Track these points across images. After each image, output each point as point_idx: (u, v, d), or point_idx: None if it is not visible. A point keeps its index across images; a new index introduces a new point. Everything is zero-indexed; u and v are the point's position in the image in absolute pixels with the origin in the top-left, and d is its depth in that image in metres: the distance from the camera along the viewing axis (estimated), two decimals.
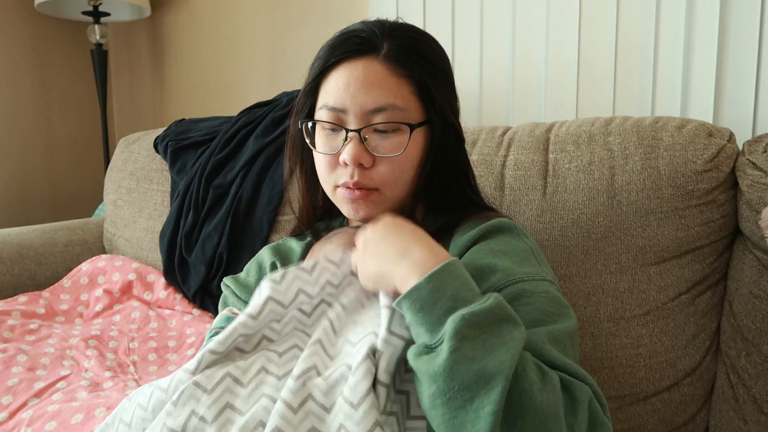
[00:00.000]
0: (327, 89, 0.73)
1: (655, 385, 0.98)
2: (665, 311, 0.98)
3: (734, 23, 1.17)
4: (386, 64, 0.71)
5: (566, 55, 1.36)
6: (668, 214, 0.96)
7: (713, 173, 0.94)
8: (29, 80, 2.31)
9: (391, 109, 0.70)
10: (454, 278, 0.54)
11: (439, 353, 0.50)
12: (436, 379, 0.49)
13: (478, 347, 0.49)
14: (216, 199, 1.41)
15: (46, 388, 1.05)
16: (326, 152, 0.74)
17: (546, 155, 1.04)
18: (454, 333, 0.50)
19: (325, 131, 0.74)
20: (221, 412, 0.56)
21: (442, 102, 0.73)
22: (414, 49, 0.73)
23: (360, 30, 0.74)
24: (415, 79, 0.72)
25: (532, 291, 0.63)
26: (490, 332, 0.50)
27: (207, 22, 2.16)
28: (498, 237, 0.71)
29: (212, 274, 1.40)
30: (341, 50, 0.73)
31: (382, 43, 0.72)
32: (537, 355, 0.55)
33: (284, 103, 1.45)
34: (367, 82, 0.70)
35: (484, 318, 0.51)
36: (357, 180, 0.71)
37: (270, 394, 0.57)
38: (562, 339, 0.59)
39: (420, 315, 0.53)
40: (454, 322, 0.50)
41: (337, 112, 0.72)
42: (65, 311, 1.41)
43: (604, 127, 1.03)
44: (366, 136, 0.71)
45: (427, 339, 0.52)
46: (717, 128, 0.98)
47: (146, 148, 1.65)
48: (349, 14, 1.75)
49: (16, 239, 1.55)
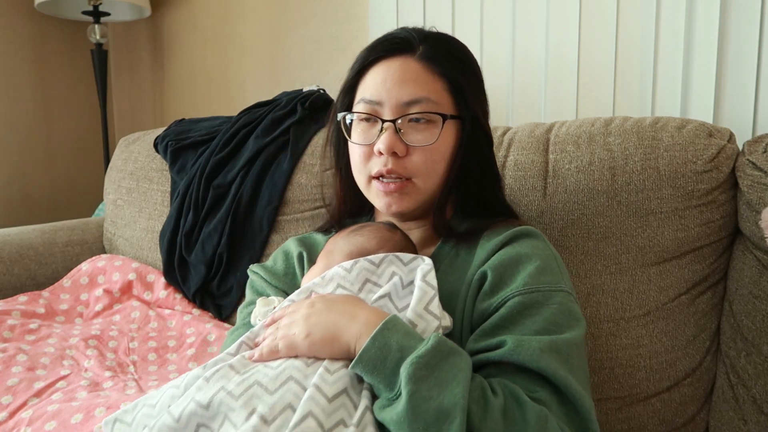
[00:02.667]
0: (365, 85, 0.78)
1: (655, 386, 0.97)
2: (665, 312, 0.98)
3: (734, 23, 1.17)
4: (421, 62, 0.75)
5: (566, 55, 1.36)
6: (668, 215, 0.96)
7: (713, 174, 0.94)
8: (29, 80, 2.31)
9: (425, 102, 0.74)
10: (395, 332, 0.58)
11: (400, 400, 0.54)
12: (402, 425, 0.53)
13: (432, 386, 0.54)
14: (216, 199, 1.41)
15: (46, 388, 1.05)
16: (362, 142, 0.77)
17: (546, 156, 1.04)
18: (409, 378, 0.54)
19: (362, 123, 0.77)
20: (249, 388, 0.58)
21: (473, 101, 0.77)
22: (448, 50, 0.78)
23: (398, 33, 0.79)
24: (448, 76, 0.76)
25: (543, 303, 0.65)
26: (439, 369, 0.55)
27: (207, 22, 2.16)
28: (525, 241, 0.73)
29: (212, 274, 1.40)
30: (379, 50, 0.78)
31: (419, 45, 0.77)
32: (531, 363, 0.59)
33: (284, 103, 1.45)
34: (403, 78, 0.74)
35: (432, 357, 0.55)
36: (391, 167, 0.73)
37: (297, 378, 0.59)
38: (565, 349, 0.62)
39: (375, 374, 0.57)
40: (407, 368, 0.55)
41: (374, 105, 0.75)
42: (65, 311, 1.41)
43: (604, 127, 1.03)
44: (400, 127, 0.74)
45: (387, 393, 0.56)
46: (717, 128, 0.98)
47: (146, 148, 1.65)
48: (349, 14, 1.75)
49: (16, 239, 1.55)
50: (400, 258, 0.70)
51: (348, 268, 0.70)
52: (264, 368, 0.60)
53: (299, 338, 0.62)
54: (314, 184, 1.34)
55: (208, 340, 1.28)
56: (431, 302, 0.64)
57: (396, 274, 0.69)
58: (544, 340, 0.61)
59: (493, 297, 0.68)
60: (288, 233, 1.36)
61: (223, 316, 1.40)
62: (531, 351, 0.60)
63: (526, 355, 0.60)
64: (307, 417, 0.54)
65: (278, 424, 0.55)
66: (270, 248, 1.37)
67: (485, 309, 0.68)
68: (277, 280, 0.84)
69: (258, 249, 1.37)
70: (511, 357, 0.60)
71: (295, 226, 1.35)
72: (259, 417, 0.55)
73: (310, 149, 1.36)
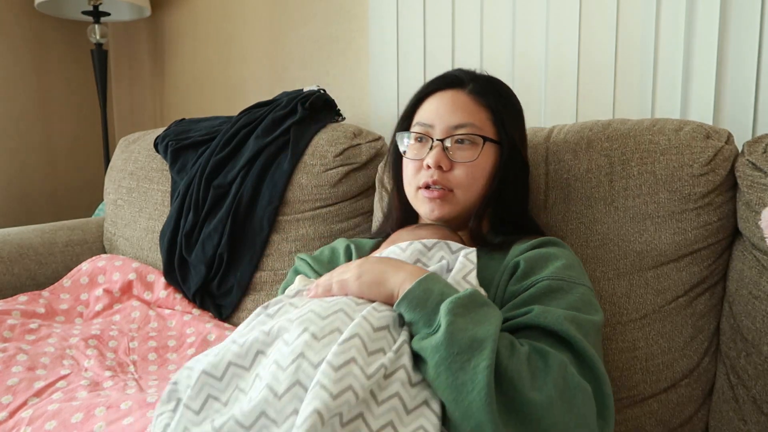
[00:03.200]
0: (421, 111, 0.93)
1: (652, 387, 0.98)
2: (662, 314, 0.98)
3: (734, 24, 1.17)
4: (470, 96, 0.90)
5: (566, 56, 1.36)
6: (665, 219, 0.96)
7: (709, 177, 0.94)
8: (29, 80, 2.31)
9: (470, 126, 0.88)
10: (437, 282, 0.68)
11: (438, 330, 0.62)
12: (438, 349, 0.61)
13: (467, 321, 0.63)
14: (216, 199, 1.41)
15: (46, 388, 1.05)
16: (414, 158, 0.91)
17: (546, 167, 1.05)
18: (448, 312, 0.63)
19: (415, 143, 0.92)
20: (304, 314, 0.66)
21: (511, 130, 0.90)
22: (493, 87, 0.93)
23: (452, 72, 0.95)
24: (492, 108, 0.90)
25: (568, 290, 0.74)
26: (474, 311, 0.64)
27: (207, 22, 2.16)
28: (552, 247, 0.83)
29: (212, 274, 1.40)
30: (436, 84, 0.93)
31: (469, 82, 0.92)
32: (553, 326, 0.67)
33: (284, 103, 1.45)
34: (453, 106, 0.89)
35: (469, 301, 0.65)
36: (436, 179, 0.86)
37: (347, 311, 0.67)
38: (585, 325, 0.69)
39: (417, 311, 0.66)
40: (446, 305, 0.63)
41: (426, 127, 0.90)
42: (65, 311, 1.42)
43: (602, 131, 1.03)
44: (447, 146, 0.87)
45: (426, 329, 0.64)
46: (715, 129, 0.98)
47: (146, 148, 1.65)
48: (349, 14, 1.75)
49: (16, 239, 1.55)
50: (450, 246, 0.80)
51: (403, 248, 0.80)
52: (319, 302, 0.69)
53: (351, 279, 0.72)
54: (314, 185, 1.34)
55: (208, 340, 1.28)
56: (469, 274, 0.73)
57: (444, 258, 0.78)
58: (568, 313, 0.69)
59: (524, 281, 0.76)
60: (288, 233, 1.36)
61: (223, 316, 1.40)
62: (556, 317, 0.68)
63: (552, 319, 0.67)
64: (353, 337, 0.62)
65: (326, 341, 0.62)
66: (270, 248, 1.37)
67: (516, 290, 0.76)
68: (322, 267, 0.93)
69: (258, 249, 1.37)
70: (537, 320, 0.68)
71: (296, 226, 1.36)
72: (310, 334, 0.63)
73: (311, 149, 1.36)
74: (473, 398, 0.58)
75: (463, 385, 0.59)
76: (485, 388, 0.58)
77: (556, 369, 0.63)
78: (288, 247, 1.36)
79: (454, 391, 0.60)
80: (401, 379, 0.62)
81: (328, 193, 1.34)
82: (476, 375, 0.59)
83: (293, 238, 1.36)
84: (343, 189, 1.34)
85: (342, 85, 1.80)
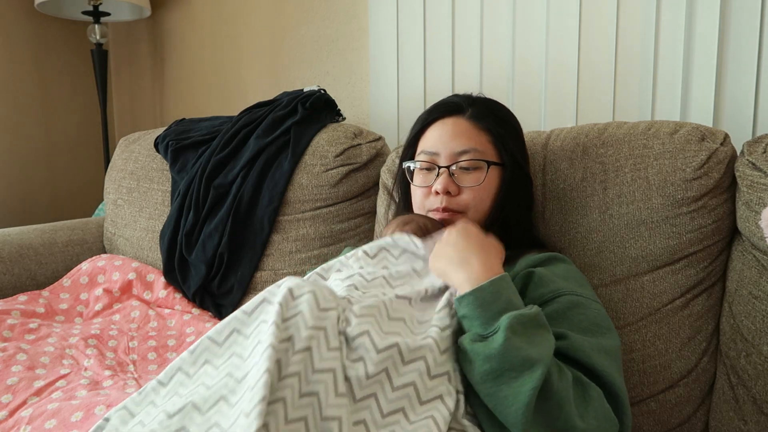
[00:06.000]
0: (425, 140, 0.97)
1: (650, 389, 0.98)
2: (658, 316, 0.98)
3: (734, 24, 1.17)
4: (470, 121, 0.94)
5: (566, 59, 1.36)
6: (659, 224, 0.96)
7: (702, 180, 0.95)
8: (29, 80, 2.31)
9: (473, 151, 0.91)
10: (508, 287, 0.71)
11: (494, 340, 0.64)
12: (491, 360, 0.63)
13: (524, 341, 0.64)
14: (216, 198, 1.41)
15: (46, 387, 1.05)
16: (422, 185, 0.95)
17: (544, 177, 1.06)
18: (508, 327, 0.64)
19: (422, 171, 0.95)
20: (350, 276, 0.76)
21: (513, 150, 0.94)
22: (492, 111, 0.97)
23: (451, 99, 0.99)
24: (492, 131, 0.93)
25: (586, 306, 0.77)
26: (533, 332, 0.66)
27: (207, 22, 2.16)
28: (558, 264, 0.86)
29: (212, 274, 1.40)
30: (437, 112, 0.97)
31: (467, 107, 0.96)
32: (585, 359, 0.69)
33: (285, 103, 1.45)
34: (456, 133, 0.93)
35: (530, 321, 0.66)
36: (445, 205, 0.90)
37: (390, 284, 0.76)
38: (610, 352, 0.73)
39: (479, 310, 0.68)
40: (509, 318, 0.65)
41: (432, 155, 0.94)
42: (65, 310, 1.41)
43: (598, 137, 1.03)
44: (454, 173, 0.91)
45: (480, 330, 0.67)
46: (711, 131, 0.98)
47: (146, 148, 1.65)
48: (349, 14, 1.75)
49: (16, 239, 1.55)
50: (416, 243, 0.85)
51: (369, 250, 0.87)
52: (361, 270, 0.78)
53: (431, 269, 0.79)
54: (315, 185, 1.34)
55: None
56: None
57: None
58: (593, 343, 0.72)
59: (542, 288, 0.79)
60: (289, 233, 1.36)
61: (223, 316, 1.40)
62: (588, 349, 0.70)
63: (583, 353, 0.70)
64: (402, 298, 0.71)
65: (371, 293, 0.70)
66: (271, 248, 1.37)
67: (536, 297, 0.78)
68: None
69: (258, 249, 1.37)
70: (568, 352, 0.70)
71: (296, 226, 1.36)
72: (353, 286, 0.73)
73: (311, 149, 1.36)
74: (510, 413, 0.62)
75: (505, 399, 0.63)
76: (524, 407, 0.61)
77: (597, 400, 0.66)
78: (288, 247, 1.36)
79: (494, 400, 0.64)
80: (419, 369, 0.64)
81: (328, 193, 1.34)
82: (519, 394, 0.61)
83: (293, 238, 1.36)
84: (344, 189, 1.34)
85: (342, 85, 1.80)
